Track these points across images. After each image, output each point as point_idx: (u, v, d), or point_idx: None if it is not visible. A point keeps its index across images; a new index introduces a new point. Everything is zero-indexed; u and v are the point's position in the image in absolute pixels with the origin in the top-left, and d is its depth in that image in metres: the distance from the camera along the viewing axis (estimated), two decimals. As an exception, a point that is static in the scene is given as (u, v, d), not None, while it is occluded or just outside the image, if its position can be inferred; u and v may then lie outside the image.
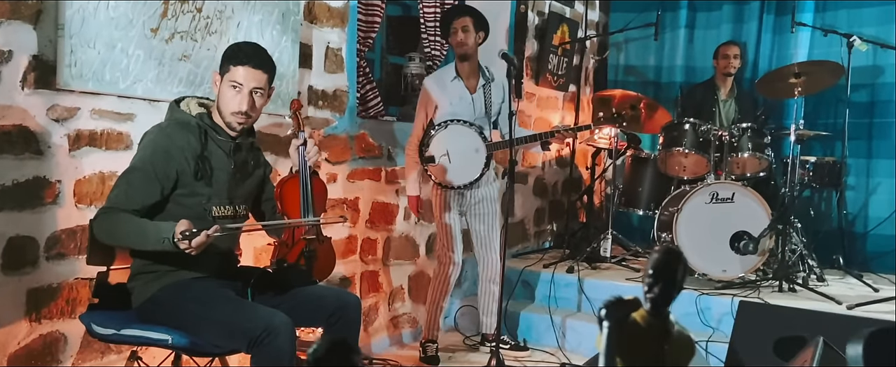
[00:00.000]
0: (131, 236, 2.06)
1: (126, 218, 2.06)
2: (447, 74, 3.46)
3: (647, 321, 0.91)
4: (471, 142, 3.36)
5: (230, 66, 2.20)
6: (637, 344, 0.89)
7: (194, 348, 2.10)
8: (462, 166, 3.36)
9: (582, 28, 5.38)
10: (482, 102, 3.46)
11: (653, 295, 0.89)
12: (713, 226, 3.93)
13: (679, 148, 4.25)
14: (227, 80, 2.20)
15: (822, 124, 4.73)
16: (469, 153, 3.36)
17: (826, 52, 4.67)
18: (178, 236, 1.95)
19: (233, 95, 2.20)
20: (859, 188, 4.87)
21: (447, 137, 3.35)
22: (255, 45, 2.30)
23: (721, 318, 3.71)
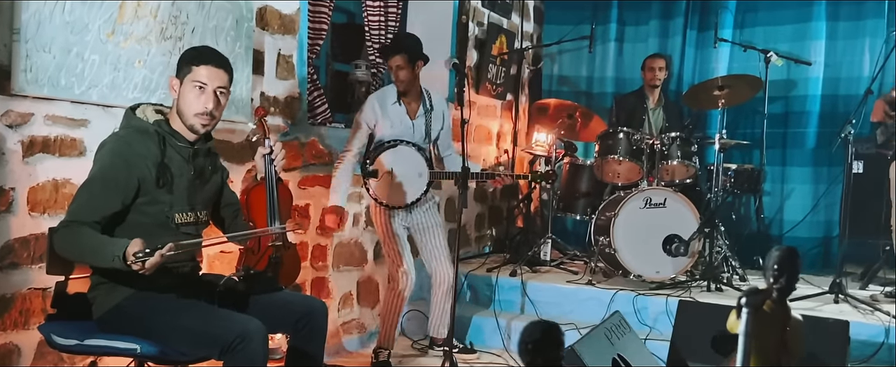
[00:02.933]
0: (87, 253, 2.02)
1: (85, 233, 2.01)
2: (389, 97, 3.48)
3: (772, 309, 1.05)
4: (416, 165, 3.41)
5: (191, 66, 2.20)
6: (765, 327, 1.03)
7: (163, 357, 2.08)
8: (403, 187, 3.40)
9: (518, 39, 5.56)
10: (422, 128, 3.51)
11: (779, 286, 1.05)
12: (647, 230, 4.15)
13: (614, 155, 4.45)
14: (190, 81, 2.19)
15: (742, 134, 5.05)
16: (412, 176, 3.41)
17: (744, 67, 5.00)
18: (131, 258, 1.89)
19: (196, 95, 2.19)
20: (775, 194, 5.23)
21: (393, 156, 3.39)
22: (211, 49, 2.32)
23: (657, 317, 3.91)
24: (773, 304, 1.08)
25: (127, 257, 1.90)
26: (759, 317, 1.05)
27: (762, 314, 1.06)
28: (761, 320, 1.05)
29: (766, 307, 1.07)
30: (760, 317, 1.05)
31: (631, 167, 4.50)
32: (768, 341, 1.05)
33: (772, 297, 1.08)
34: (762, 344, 1.05)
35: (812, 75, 5.04)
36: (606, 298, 4.04)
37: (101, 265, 2.02)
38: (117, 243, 1.96)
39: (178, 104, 2.22)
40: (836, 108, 4.96)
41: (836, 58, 5.01)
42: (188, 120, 2.21)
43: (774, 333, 1.06)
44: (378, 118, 3.43)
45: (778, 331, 1.06)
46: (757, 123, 4.91)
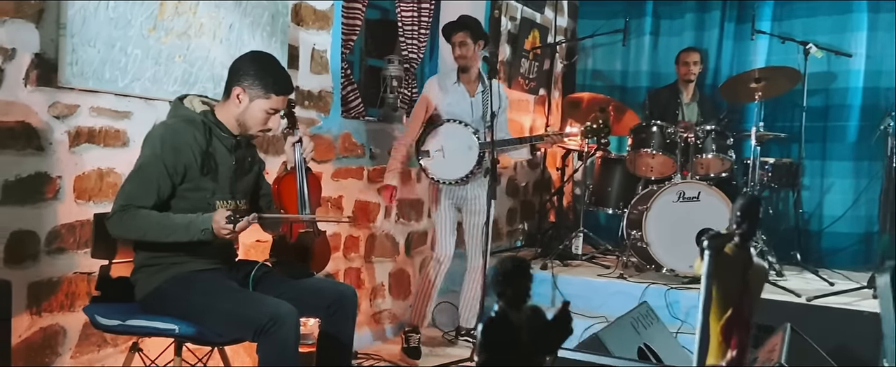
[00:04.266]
0: (163, 230, 2.14)
1: (152, 215, 2.14)
2: (450, 78, 3.64)
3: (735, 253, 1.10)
4: (464, 139, 3.53)
5: (270, 94, 2.27)
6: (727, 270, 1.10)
7: (200, 337, 2.17)
8: (454, 162, 3.53)
9: (552, 33, 5.56)
10: (480, 106, 3.63)
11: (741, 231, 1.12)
12: (680, 224, 4.12)
13: (647, 149, 4.43)
14: (265, 106, 2.28)
15: (780, 127, 4.97)
16: (462, 150, 3.53)
17: (783, 59, 4.92)
18: (223, 221, 2.07)
19: (266, 117, 2.31)
20: (814, 188, 5.14)
21: (442, 134, 3.53)
22: (282, 68, 2.39)
23: (689, 311, 3.89)
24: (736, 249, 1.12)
25: (217, 223, 2.08)
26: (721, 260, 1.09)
27: (725, 257, 1.11)
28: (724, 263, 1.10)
29: (729, 251, 1.11)
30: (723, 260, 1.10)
31: (664, 161, 4.48)
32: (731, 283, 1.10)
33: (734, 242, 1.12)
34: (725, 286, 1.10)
35: (853, 68, 4.93)
36: (637, 292, 4.03)
37: (179, 240, 2.14)
38: (201, 218, 2.13)
39: (243, 116, 2.30)
40: (878, 101, 4.84)
41: (878, 49, 4.90)
42: (251, 130, 2.34)
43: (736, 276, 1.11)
44: (437, 100, 3.57)
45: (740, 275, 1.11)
46: (796, 117, 4.82)
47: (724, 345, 1.12)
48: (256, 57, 2.34)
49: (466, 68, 3.59)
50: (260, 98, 2.27)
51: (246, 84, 2.27)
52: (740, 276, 1.12)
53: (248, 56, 2.34)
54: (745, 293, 1.12)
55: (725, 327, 1.11)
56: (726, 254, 1.13)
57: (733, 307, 1.11)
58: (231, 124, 2.32)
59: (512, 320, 1.14)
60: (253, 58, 2.33)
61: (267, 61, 2.33)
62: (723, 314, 1.11)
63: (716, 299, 1.12)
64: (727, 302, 1.11)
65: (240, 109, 2.29)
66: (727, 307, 1.12)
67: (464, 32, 3.54)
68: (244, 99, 2.28)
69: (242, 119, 2.30)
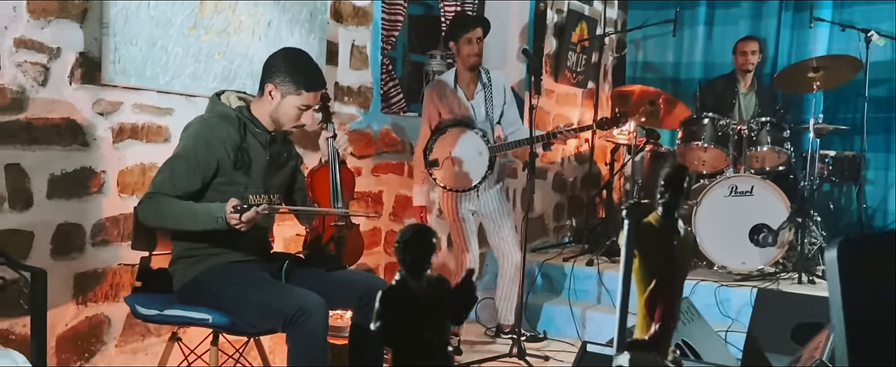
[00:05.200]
0: (181, 217, 2.19)
1: (175, 202, 2.19)
2: (446, 86, 3.51)
3: (661, 223, 1.06)
4: (473, 145, 3.41)
5: (301, 90, 2.29)
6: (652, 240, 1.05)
7: (233, 327, 2.21)
8: (465, 170, 3.42)
9: (600, 25, 5.46)
10: (482, 107, 3.52)
11: (664, 200, 1.07)
12: (732, 219, 3.99)
13: (698, 142, 4.30)
14: (297, 102, 2.30)
15: (841, 119, 4.74)
16: (472, 157, 3.41)
17: (844, 48, 4.70)
18: (230, 210, 2.08)
19: (299, 113, 2.33)
20: (878, 183, 4.89)
21: (448, 141, 3.41)
22: (314, 63, 2.40)
23: (740, 309, 3.76)
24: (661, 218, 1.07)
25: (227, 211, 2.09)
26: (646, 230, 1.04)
27: (650, 227, 1.05)
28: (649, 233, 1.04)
29: (654, 221, 1.06)
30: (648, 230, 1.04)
31: (716, 154, 4.33)
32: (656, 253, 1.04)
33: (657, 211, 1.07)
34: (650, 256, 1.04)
35: (920, 55, 4.67)
36: (687, 289, 3.89)
37: (194, 228, 2.18)
38: (213, 206, 2.16)
39: (276, 112, 2.33)
40: (947, 90, 4.58)
41: (946, 36, 4.62)
42: (284, 126, 2.37)
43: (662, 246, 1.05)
44: (440, 109, 3.47)
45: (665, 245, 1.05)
46: (858, 108, 4.60)
47: (647, 318, 1.06)
48: (288, 54, 2.37)
49: (475, 67, 3.46)
50: (291, 95, 2.30)
51: (278, 81, 2.30)
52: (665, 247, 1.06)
53: (280, 53, 2.36)
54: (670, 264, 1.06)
55: (649, 299, 1.05)
56: (650, 224, 1.07)
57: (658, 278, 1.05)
58: (265, 120, 2.35)
59: (411, 288, 1.12)
60: (284, 55, 2.35)
61: (298, 58, 2.36)
62: (647, 287, 1.06)
63: (639, 271, 1.07)
64: (651, 274, 1.06)
65: (272, 105, 2.32)
66: (651, 278, 1.06)
67: (481, 28, 3.42)
68: (276, 96, 2.31)
69: (276, 115, 2.34)
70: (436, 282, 1.17)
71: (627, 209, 1.06)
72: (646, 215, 1.08)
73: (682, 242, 1.09)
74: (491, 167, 3.42)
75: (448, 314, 1.17)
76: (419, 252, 1.15)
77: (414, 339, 1.11)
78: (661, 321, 1.06)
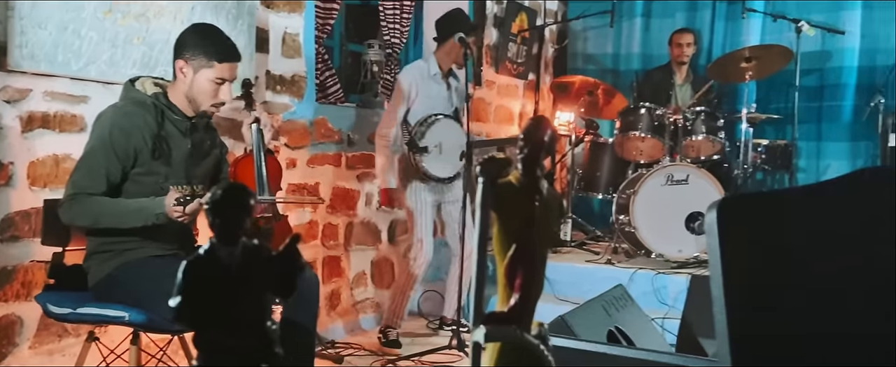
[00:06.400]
0: (118, 217, 2.10)
1: (104, 201, 2.09)
2: (429, 69, 3.54)
3: (521, 182, 0.98)
4: (458, 138, 3.45)
5: (212, 62, 2.20)
6: (513, 202, 0.97)
7: (153, 325, 2.10)
8: (448, 160, 3.46)
9: (541, 16, 5.46)
10: (453, 99, 3.61)
11: (522, 156, 0.98)
12: (669, 207, 4.03)
13: (635, 132, 4.34)
14: (211, 76, 2.20)
15: (774, 108, 4.86)
16: (455, 149, 3.45)
17: (777, 38, 4.81)
18: (172, 202, 2.01)
19: (215, 88, 2.23)
20: (810, 171, 5.02)
21: (439, 129, 3.44)
22: (225, 35, 2.31)
23: (677, 296, 3.80)
24: (521, 177, 1.00)
25: (168, 207, 2.01)
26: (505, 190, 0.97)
27: (510, 186, 0.98)
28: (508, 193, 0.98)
29: (515, 180, 0.99)
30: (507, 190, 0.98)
31: (653, 144, 4.38)
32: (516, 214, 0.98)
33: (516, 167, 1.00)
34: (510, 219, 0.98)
35: (847, 46, 4.81)
36: (625, 277, 3.94)
37: (134, 225, 2.09)
38: (155, 202, 2.07)
39: (191, 91, 2.23)
40: (874, 79, 4.72)
41: (873, 28, 4.77)
42: (203, 106, 2.25)
43: (523, 207, 0.98)
44: (420, 89, 3.48)
45: (527, 205, 0.98)
46: (790, 97, 4.72)
47: (508, 288, 0.99)
48: (195, 27, 2.28)
49: (460, 66, 3.52)
50: (204, 68, 2.20)
51: (188, 56, 2.20)
52: (526, 208, 0.99)
53: (188, 28, 2.27)
54: (532, 227, 0.99)
55: (509, 266, 0.98)
56: (509, 183, 1.00)
57: (518, 243, 0.99)
58: (184, 105, 2.25)
59: (220, 256, 0.99)
60: (192, 29, 2.27)
61: (208, 30, 2.27)
62: (506, 252, 0.99)
63: (497, 236, 1.00)
64: (511, 238, 0.99)
65: (186, 83, 2.22)
66: (510, 243, 0.99)
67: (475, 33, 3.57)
68: (188, 72, 2.21)
69: (191, 94, 2.23)
70: (253, 250, 1.02)
71: (481, 165, 0.97)
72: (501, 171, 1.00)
73: (545, 202, 1.01)
74: (470, 160, 3.44)
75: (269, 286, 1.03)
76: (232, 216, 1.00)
77: (223, 315, 1.00)
78: (521, 291, 0.98)
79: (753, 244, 0.65)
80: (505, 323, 0.98)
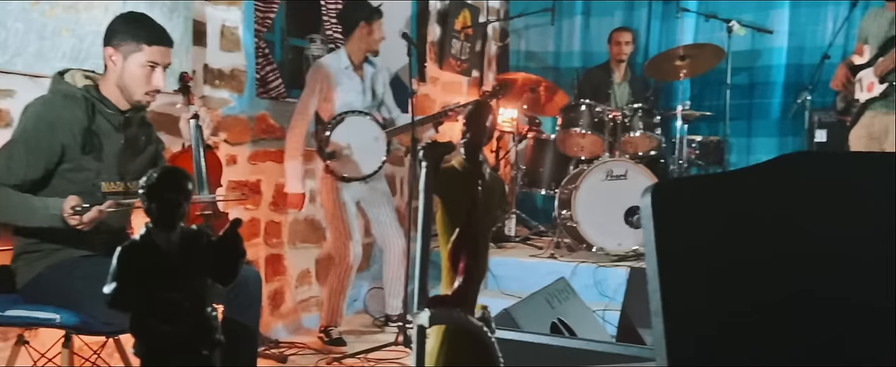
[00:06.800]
0: (18, 211, 2.00)
1: (9, 193, 1.99)
2: (339, 63, 3.46)
3: (464, 166, 1.00)
4: (369, 131, 3.39)
5: (141, 45, 2.14)
6: (456, 186, 1.00)
7: (85, 326, 2.03)
8: (365, 156, 3.38)
9: (483, 14, 5.50)
10: (371, 90, 3.52)
11: (465, 141, 1.01)
12: (609, 202, 4.12)
13: (576, 129, 4.42)
14: (140, 60, 2.14)
15: (707, 105, 5.02)
16: (369, 142, 3.39)
17: (709, 37, 4.97)
18: (68, 211, 1.91)
19: (146, 74, 2.16)
20: (741, 165, 5.16)
21: (346, 129, 3.34)
22: (154, 20, 2.25)
23: (617, 288, 3.89)
24: (465, 161, 1.04)
25: (64, 212, 1.91)
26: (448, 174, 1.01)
27: (452, 171, 1.02)
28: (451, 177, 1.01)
29: (458, 165, 1.03)
30: (450, 174, 1.01)
31: (594, 140, 4.47)
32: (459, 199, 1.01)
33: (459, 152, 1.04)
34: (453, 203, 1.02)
35: (776, 45, 5.01)
36: (568, 271, 4.01)
37: (32, 224, 2.00)
38: (50, 202, 1.97)
39: (122, 79, 2.16)
40: (801, 77, 4.92)
41: (800, 27, 4.98)
42: (136, 97, 2.18)
43: (466, 190, 1.02)
44: (331, 83, 3.41)
45: (469, 189, 1.02)
46: (722, 95, 4.87)
47: (452, 272, 1.02)
48: (123, 15, 2.22)
49: (376, 53, 3.47)
50: (133, 53, 2.14)
51: (116, 42, 2.14)
52: (469, 192, 1.02)
53: (116, 17, 2.21)
54: (475, 211, 1.02)
55: (453, 250, 1.01)
56: (453, 168, 1.04)
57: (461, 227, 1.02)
58: (116, 97, 2.18)
59: (158, 242, 0.99)
60: (120, 17, 2.21)
61: (135, 16, 2.22)
62: (450, 236, 1.02)
63: (440, 220, 1.03)
64: (454, 222, 1.02)
65: (117, 71, 2.15)
66: (454, 227, 1.02)
67: (382, 18, 3.46)
68: (118, 59, 2.15)
69: (122, 82, 2.16)
70: (192, 236, 1.01)
71: (424, 150, 0.99)
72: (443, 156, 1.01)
73: (487, 186, 1.04)
74: (388, 152, 3.40)
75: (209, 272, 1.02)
76: (168, 200, 0.99)
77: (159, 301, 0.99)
78: (465, 274, 1.00)
79: (686, 227, 0.67)
80: (449, 306, 0.99)
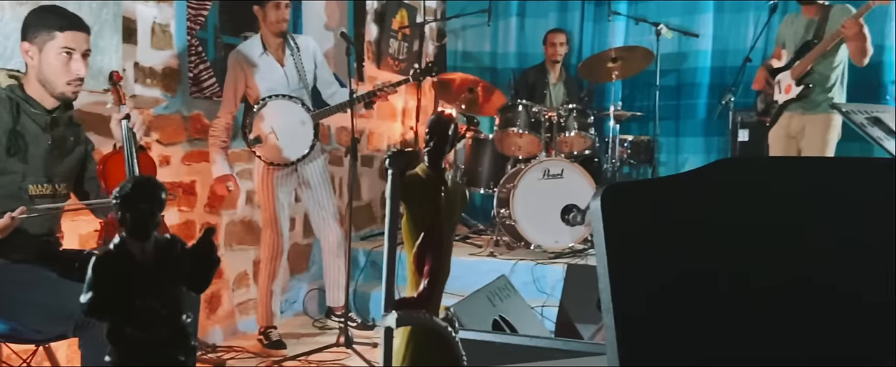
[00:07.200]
0: None
1: None
2: (254, 50, 3.39)
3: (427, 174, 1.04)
4: (295, 115, 3.32)
5: (54, 32, 2.08)
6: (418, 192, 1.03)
7: (15, 334, 1.96)
8: (292, 141, 3.31)
9: (421, 14, 5.51)
10: (294, 72, 3.44)
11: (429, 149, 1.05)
12: (546, 200, 4.21)
13: (514, 128, 4.49)
14: (56, 47, 2.08)
15: (638, 106, 5.18)
16: (296, 127, 3.32)
17: (639, 40, 5.13)
18: None
19: (65, 62, 2.09)
20: (670, 164, 5.40)
21: (270, 113, 3.28)
22: (63, 8, 2.19)
23: (554, 285, 3.98)
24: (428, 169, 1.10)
25: None
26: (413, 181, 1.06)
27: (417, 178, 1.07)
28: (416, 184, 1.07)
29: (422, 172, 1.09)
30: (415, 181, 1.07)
31: (531, 140, 4.55)
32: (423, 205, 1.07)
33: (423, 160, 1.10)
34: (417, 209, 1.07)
35: (701, 48, 5.21)
36: (507, 268, 4.07)
37: None
38: None
39: (42, 72, 2.09)
40: (725, 79, 5.13)
41: (724, 31, 5.19)
42: (59, 88, 2.11)
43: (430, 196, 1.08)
44: (247, 74, 3.34)
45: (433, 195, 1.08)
46: (651, 96, 5.04)
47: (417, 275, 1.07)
48: (34, 9, 2.17)
49: (283, 33, 3.39)
50: (47, 42, 2.08)
51: (30, 36, 2.09)
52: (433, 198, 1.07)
53: (28, 12, 2.16)
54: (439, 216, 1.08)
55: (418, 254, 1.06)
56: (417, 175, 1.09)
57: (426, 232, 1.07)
58: (41, 96, 2.10)
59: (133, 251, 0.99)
60: (31, 11, 2.16)
61: (46, 7, 2.18)
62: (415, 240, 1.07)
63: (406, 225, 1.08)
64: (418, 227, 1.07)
65: (35, 65, 2.09)
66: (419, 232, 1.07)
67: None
68: (34, 52, 2.09)
69: (43, 76, 2.10)
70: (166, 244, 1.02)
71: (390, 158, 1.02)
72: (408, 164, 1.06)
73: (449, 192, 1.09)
74: (316, 136, 3.33)
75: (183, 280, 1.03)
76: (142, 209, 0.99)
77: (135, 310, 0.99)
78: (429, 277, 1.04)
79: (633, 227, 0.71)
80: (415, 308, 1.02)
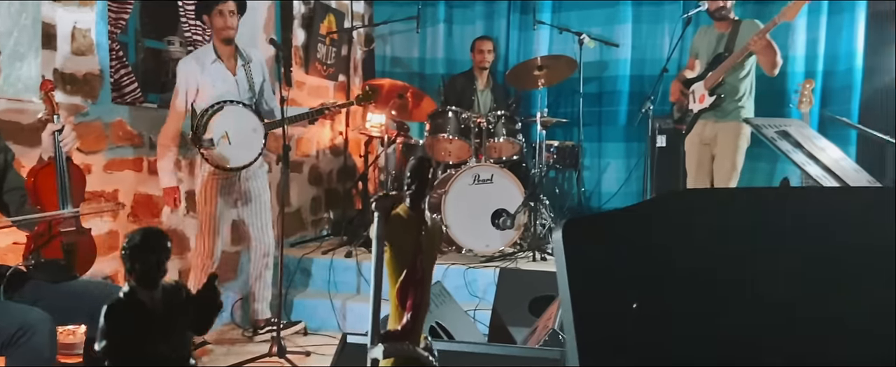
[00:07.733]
0: None
1: None
2: (206, 57, 3.40)
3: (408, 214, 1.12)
4: (248, 122, 3.34)
5: None
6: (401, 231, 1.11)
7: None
8: (241, 148, 3.32)
9: (348, 19, 5.50)
10: (246, 82, 3.46)
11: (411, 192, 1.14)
12: (476, 205, 4.29)
13: (444, 134, 4.55)
14: None
15: (563, 112, 5.34)
16: (247, 133, 3.33)
17: (563, 49, 5.29)
18: None
19: None
20: (593, 168, 5.59)
21: (224, 118, 3.28)
22: None
23: (486, 288, 4.06)
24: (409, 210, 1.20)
25: None
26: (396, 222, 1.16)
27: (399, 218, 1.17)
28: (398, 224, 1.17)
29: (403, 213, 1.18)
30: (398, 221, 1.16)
31: (461, 145, 4.62)
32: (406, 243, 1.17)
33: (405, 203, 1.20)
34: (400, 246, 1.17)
35: (621, 57, 5.42)
36: (440, 273, 4.13)
37: None
38: None
39: None
40: (643, 87, 5.36)
41: (642, 40, 5.41)
42: None
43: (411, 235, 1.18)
44: (199, 81, 3.32)
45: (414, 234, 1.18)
46: (575, 102, 5.22)
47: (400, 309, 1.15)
48: None
49: (229, 40, 3.39)
50: None
51: None
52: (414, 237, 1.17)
53: None
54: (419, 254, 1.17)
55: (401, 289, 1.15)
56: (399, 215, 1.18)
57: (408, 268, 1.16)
58: None
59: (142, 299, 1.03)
60: None
61: None
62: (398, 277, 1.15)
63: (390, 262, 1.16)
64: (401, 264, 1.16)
65: None
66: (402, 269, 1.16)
67: (234, 1, 3.37)
68: None
69: None
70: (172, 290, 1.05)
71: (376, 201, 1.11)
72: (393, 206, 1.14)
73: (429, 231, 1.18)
74: (265, 144, 3.36)
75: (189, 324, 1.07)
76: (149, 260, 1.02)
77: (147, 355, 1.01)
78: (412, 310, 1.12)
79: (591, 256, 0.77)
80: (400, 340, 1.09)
